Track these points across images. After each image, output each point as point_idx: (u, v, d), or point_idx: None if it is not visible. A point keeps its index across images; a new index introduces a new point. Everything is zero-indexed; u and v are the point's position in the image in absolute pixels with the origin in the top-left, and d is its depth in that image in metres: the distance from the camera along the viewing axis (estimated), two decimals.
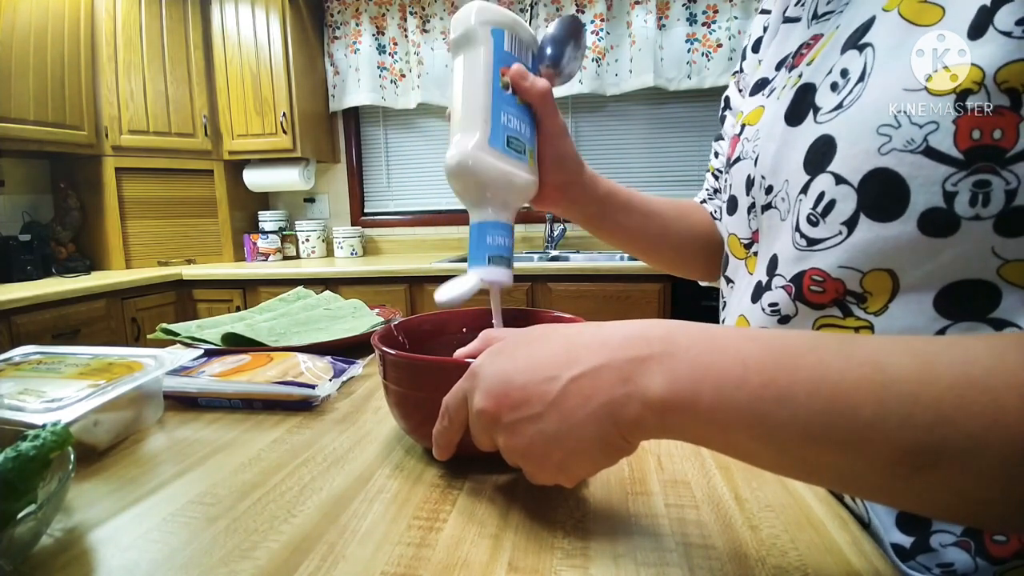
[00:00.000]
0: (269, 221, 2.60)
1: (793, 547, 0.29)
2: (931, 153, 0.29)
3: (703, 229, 0.62)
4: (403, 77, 2.57)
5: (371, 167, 2.79)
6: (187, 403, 0.53)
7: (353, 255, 2.61)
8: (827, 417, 0.21)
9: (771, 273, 0.40)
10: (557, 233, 2.46)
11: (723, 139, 0.61)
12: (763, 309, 0.40)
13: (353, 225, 2.78)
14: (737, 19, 2.23)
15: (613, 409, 0.25)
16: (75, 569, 0.28)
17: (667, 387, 0.24)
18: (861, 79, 0.33)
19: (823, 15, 0.42)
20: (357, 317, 0.82)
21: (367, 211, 2.82)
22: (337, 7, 2.57)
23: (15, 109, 1.88)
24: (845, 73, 0.34)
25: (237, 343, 0.68)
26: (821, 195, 0.34)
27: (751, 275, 0.44)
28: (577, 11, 2.34)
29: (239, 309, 2.21)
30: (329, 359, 0.59)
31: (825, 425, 0.21)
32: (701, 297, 1.93)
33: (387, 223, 2.77)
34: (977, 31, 0.28)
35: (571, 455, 0.27)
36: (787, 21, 0.47)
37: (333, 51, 2.61)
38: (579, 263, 2.08)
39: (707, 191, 0.65)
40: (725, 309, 0.50)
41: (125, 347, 0.64)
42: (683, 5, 2.28)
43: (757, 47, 0.53)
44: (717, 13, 2.26)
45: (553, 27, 0.49)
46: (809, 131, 0.36)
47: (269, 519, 0.32)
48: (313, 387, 0.50)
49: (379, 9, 2.52)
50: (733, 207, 0.47)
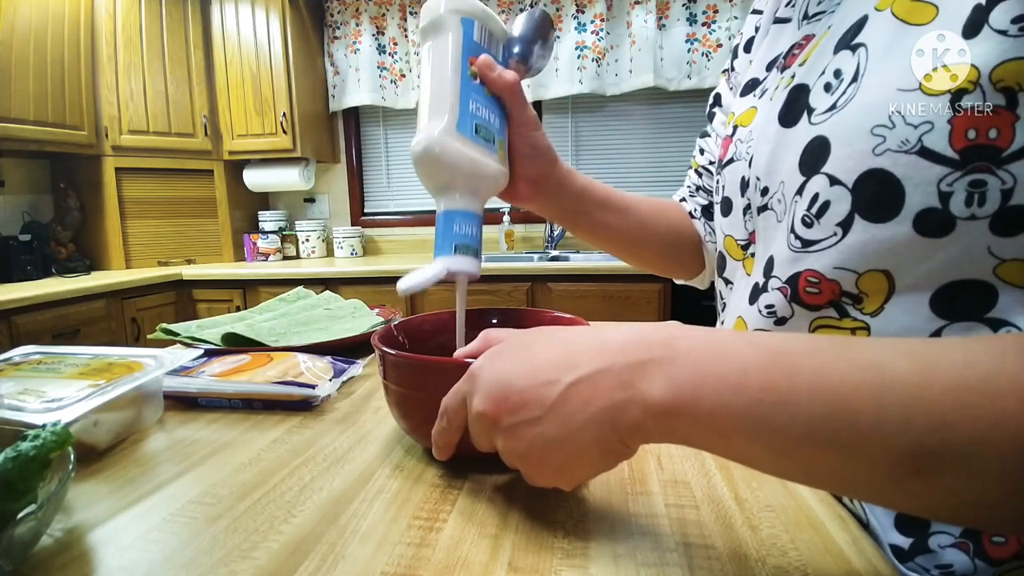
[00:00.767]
0: (269, 221, 2.60)
1: (793, 547, 0.29)
2: (926, 153, 0.29)
3: (681, 227, 0.62)
4: (403, 77, 2.58)
5: (371, 167, 2.79)
6: (187, 403, 0.53)
7: (353, 255, 2.61)
8: (827, 421, 0.21)
9: (768, 275, 0.40)
10: (557, 233, 2.46)
11: (709, 136, 0.61)
12: (760, 311, 0.40)
13: (353, 225, 2.78)
14: (737, 19, 2.23)
15: (613, 414, 0.25)
16: (75, 569, 0.28)
17: (667, 392, 0.24)
18: (854, 79, 0.33)
19: (814, 15, 0.42)
20: (357, 317, 0.82)
21: (367, 211, 2.82)
22: (337, 7, 2.57)
23: (15, 109, 1.88)
24: (838, 73, 0.34)
25: (237, 343, 0.68)
26: (815, 196, 0.34)
27: (749, 276, 0.44)
28: (577, 11, 2.34)
29: (239, 309, 2.21)
30: (329, 359, 0.59)
31: (825, 429, 0.21)
32: (701, 297, 1.93)
33: (387, 223, 2.77)
34: (972, 30, 0.28)
35: (570, 459, 0.27)
36: (778, 22, 0.47)
37: (333, 51, 2.61)
38: (579, 263, 2.08)
39: (688, 188, 0.64)
40: (724, 311, 0.50)
41: (125, 347, 0.64)
42: (683, 5, 2.28)
43: (749, 47, 0.53)
44: (717, 13, 2.26)
45: (522, 23, 0.48)
46: (803, 132, 0.36)
47: (269, 519, 0.32)
48: (313, 387, 0.50)
49: (379, 9, 2.52)
50: (728, 208, 0.47)
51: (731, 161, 0.46)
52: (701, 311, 1.96)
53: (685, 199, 0.64)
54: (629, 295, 1.99)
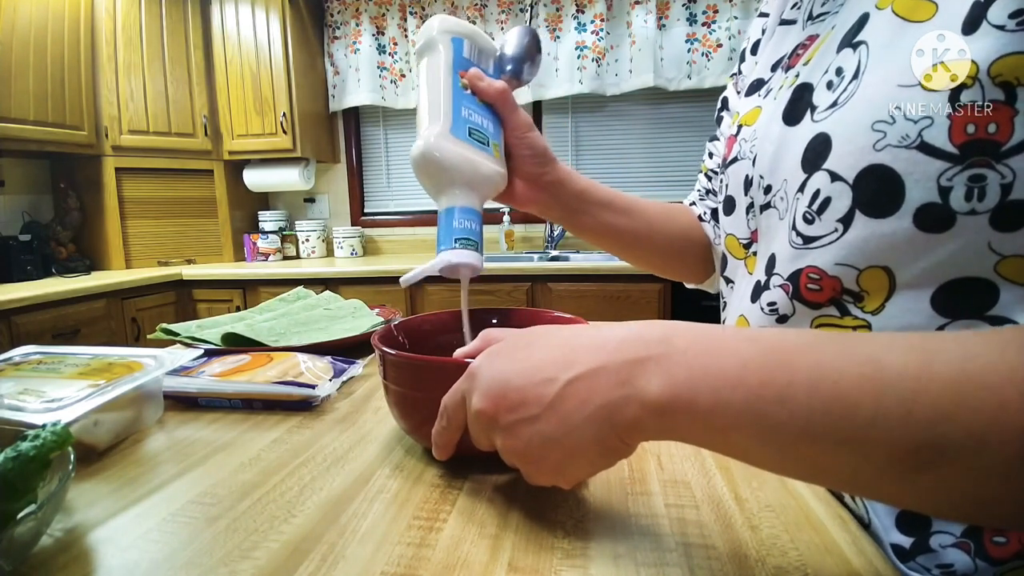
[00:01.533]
0: (269, 221, 2.60)
1: (793, 547, 0.29)
2: (926, 148, 0.29)
3: (690, 231, 0.62)
4: (403, 77, 2.57)
5: (371, 167, 2.79)
6: (187, 403, 0.53)
7: (353, 255, 2.61)
8: (826, 416, 0.21)
9: (769, 272, 0.40)
10: (557, 233, 2.46)
11: (718, 139, 0.61)
12: (762, 309, 0.40)
13: (353, 225, 2.78)
14: (737, 19, 2.23)
15: (611, 411, 0.25)
16: (75, 569, 0.28)
17: (664, 389, 0.24)
18: (855, 76, 0.33)
19: (818, 16, 0.42)
20: (357, 317, 0.82)
21: (367, 211, 2.82)
22: (337, 7, 2.57)
23: (15, 109, 1.88)
24: (840, 71, 0.35)
25: (237, 343, 0.68)
26: (816, 193, 0.34)
27: (750, 275, 0.44)
28: (577, 11, 2.34)
29: (239, 309, 2.21)
30: (329, 359, 0.59)
31: (824, 424, 0.21)
32: (701, 297, 1.92)
33: (387, 223, 2.77)
34: (971, 26, 0.28)
35: (569, 457, 0.27)
36: (783, 23, 0.47)
37: (333, 51, 2.61)
38: (579, 263, 2.08)
39: (699, 191, 0.64)
40: (726, 309, 0.50)
41: (125, 347, 0.64)
42: (683, 5, 2.28)
43: (755, 49, 0.53)
44: (717, 13, 2.26)
45: (513, 43, 0.51)
46: (806, 130, 0.36)
47: (269, 519, 0.32)
48: (313, 387, 0.50)
49: (379, 9, 2.52)
50: (731, 207, 0.47)
51: (735, 160, 0.46)
52: (701, 311, 1.96)
53: (695, 203, 0.64)
54: (629, 295, 1.99)
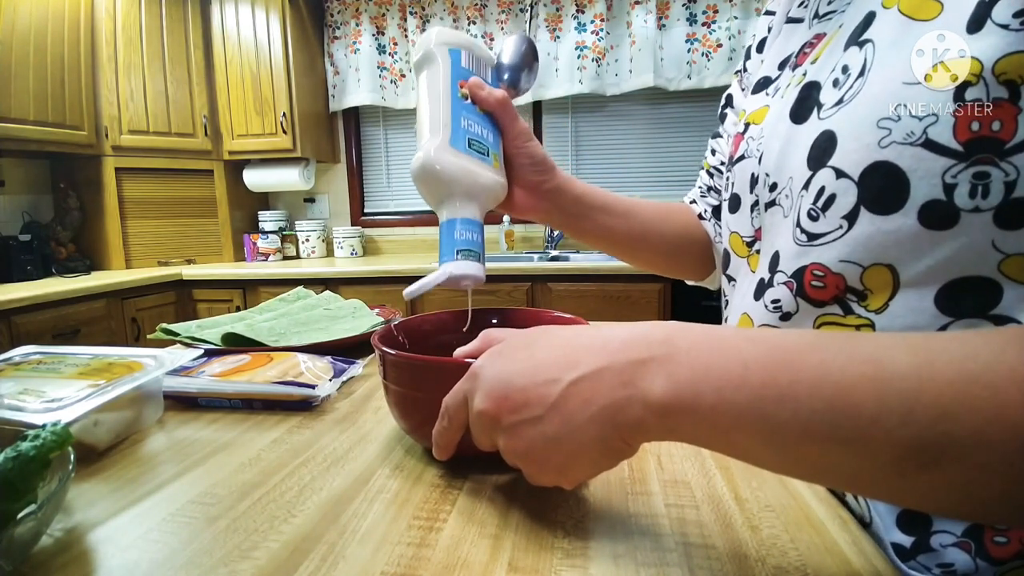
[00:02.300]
0: (269, 221, 2.60)
1: (793, 547, 0.29)
2: (931, 145, 0.29)
3: (689, 230, 0.62)
4: (403, 77, 2.58)
5: (371, 167, 2.79)
6: (187, 403, 0.53)
7: (353, 255, 2.61)
8: (828, 416, 0.21)
9: (773, 270, 0.40)
10: (557, 233, 2.46)
11: (721, 137, 0.61)
12: (765, 306, 0.40)
13: (353, 225, 2.78)
14: (737, 19, 2.23)
15: (614, 412, 0.25)
16: (75, 569, 0.28)
17: (668, 389, 0.24)
18: (861, 74, 0.33)
19: (825, 15, 0.42)
20: (357, 317, 0.82)
21: (367, 211, 2.82)
22: (337, 7, 2.57)
23: (15, 109, 1.88)
24: (846, 69, 0.35)
25: (237, 343, 0.68)
26: (821, 190, 0.35)
27: (753, 273, 0.44)
28: (577, 11, 2.34)
29: (239, 309, 2.21)
30: (329, 359, 0.59)
31: (827, 424, 0.21)
32: (701, 297, 1.93)
33: (387, 223, 2.77)
34: (976, 24, 0.28)
35: (571, 458, 0.27)
36: (790, 22, 0.48)
37: (333, 51, 2.61)
38: (579, 263, 2.08)
39: (700, 188, 0.65)
40: (728, 308, 0.50)
41: (125, 347, 0.64)
42: (683, 5, 2.28)
43: (761, 47, 0.53)
44: (717, 13, 2.26)
45: (510, 51, 0.52)
46: (813, 128, 0.36)
47: (269, 519, 0.32)
48: (313, 387, 0.50)
49: (379, 9, 2.52)
50: (736, 205, 0.47)
51: (742, 158, 0.46)
52: (701, 311, 1.96)
53: (695, 201, 0.64)
54: (629, 295, 1.99)
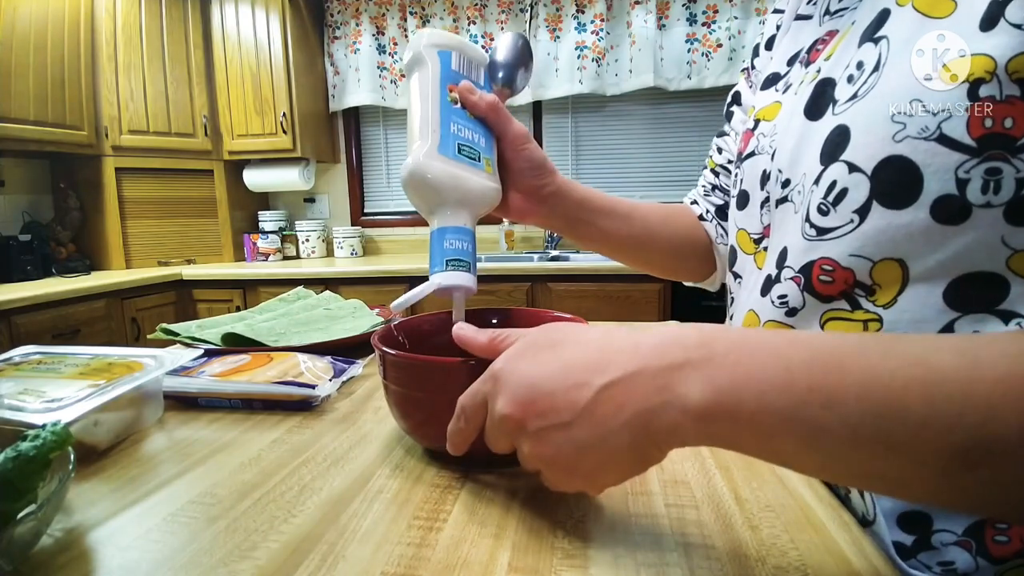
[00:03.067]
0: (269, 221, 2.60)
1: (793, 547, 0.29)
2: (944, 140, 0.30)
3: (691, 232, 0.62)
4: (403, 77, 2.57)
5: (371, 167, 2.79)
6: (187, 403, 0.53)
7: (353, 255, 2.61)
8: (878, 420, 0.21)
9: (780, 266, 0.40)
10: (557, 233, 2.45)
11: (727, 135, 0.61)
12: (772, 302, 0.40)
13: (353, 225, 2.78)
14: (737, 19, 2.23)
15: (648, 418, 0.25)
16: (75, 569, 0.28)
17: (707, 394, 0.23)
18: (876, 69, 0.34)
19: (836, 12, 0.43)
20: (357, 317, 0.82)
21: (367, 211, 2.82)
22: (337, 7, 2.57)
23: (15, 109, 1.88)
24: (860, 65, 0.35)
25: (237, 343, 0.68)
26: (833, 184, 0.35)
27: (760, 270, 0.44)
28: (577, 11, 2.34)
29: (239, 309, 2.21)
30: (329, 359, 0.59)
31: (875, 428, 0.21)
32: (701, 297, 1.93)
33: (387, 223, 2.77)
34: (989, 23, 0.28)
35: (601, 464, 0.26)
36: (799, 18, 0.48)
37: (333, 51, 2.61)
38: (579, 263, 2.08)
39: (703, 187, 0.64)
40: (733, 305, 0.50)
41: (125, 347, 0.64)
42: (683, 5, 2.28)
43: (770, 45, 0.53)
44: (717, 13, 2.26)
45: (504, 49, 0.50)
46: (827, 123, 0.36)
47: (269, 519, 0.32)
48: (313, 387, 0.50)
49: (379, 9, 2.53)
50: (744, 202, 0.47)
51: (752, 154, 0.46)
52: (701, 311, 1.96)
53: (697, 201, 0.64)
54: (629, 295, 1.99)
